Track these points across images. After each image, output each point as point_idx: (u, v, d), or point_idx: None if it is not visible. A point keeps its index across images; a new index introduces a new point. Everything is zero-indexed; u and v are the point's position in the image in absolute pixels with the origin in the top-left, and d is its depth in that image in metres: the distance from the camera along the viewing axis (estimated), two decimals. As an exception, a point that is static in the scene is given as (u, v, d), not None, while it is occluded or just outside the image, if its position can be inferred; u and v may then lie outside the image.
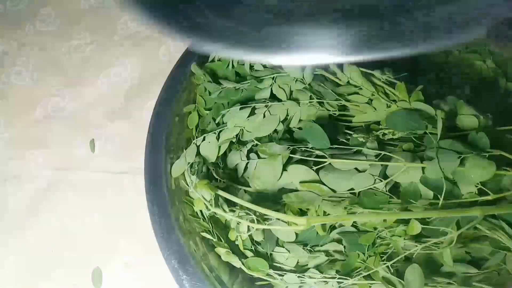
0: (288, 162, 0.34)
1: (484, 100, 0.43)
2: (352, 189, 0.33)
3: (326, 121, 0.37)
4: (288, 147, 0.34)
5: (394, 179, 0.32)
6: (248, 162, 0.36)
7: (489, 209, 0.30)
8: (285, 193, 0.34)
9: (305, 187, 0.33)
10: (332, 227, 0.35)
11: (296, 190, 0.34)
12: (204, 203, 0.35)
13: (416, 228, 0.31)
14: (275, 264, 0.35)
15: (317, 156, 0.33)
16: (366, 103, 0.37)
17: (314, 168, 0.34)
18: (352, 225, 0.34)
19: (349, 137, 0.36)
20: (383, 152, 0.32)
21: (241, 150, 0.37)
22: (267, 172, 0.34)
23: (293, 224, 0.31)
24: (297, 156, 0.34)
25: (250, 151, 0.37)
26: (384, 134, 0.35)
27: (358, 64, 0.38)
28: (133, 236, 0.45)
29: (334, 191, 0.33)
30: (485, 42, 0.44)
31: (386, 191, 0.32)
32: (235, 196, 0.34)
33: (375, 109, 0.37)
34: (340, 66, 0.39)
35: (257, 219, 0.33)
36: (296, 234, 0.35)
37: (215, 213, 0.35)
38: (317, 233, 0.35)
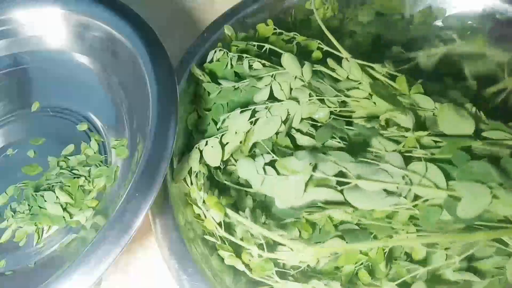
0: (310, 179, 0.33)
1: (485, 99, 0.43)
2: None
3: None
4: (310, 163, 0.33)
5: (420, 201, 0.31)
6: (265, 178, 0.35)
7: (492, 234, 0.30)
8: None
9: (330, 208, 0.32)
10: (335, 226, 0.35)
11: (318, 206, 0.33)
12: (215, 226, 0.35)
13: (420, 253, 0.31)
14: (278, 261, 0.35)
15: (341, 172, 0.33)
16: (366, 98, 0.37)
17: (339, 188, 0.32)
18: (356, 224, 0.34)
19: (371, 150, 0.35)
20: (409, 173, 0.31)
21: (255, 161, 0.36)
22: (288, 191, 0.33)
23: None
24: (319, 175, 0.33)
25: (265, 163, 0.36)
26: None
27: (358, 58, 0.38)
28: (132, 237, 0.45)
29: (356, 209, 0.32)
30: (485, 41, 0.45)
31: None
32: (243, 215, 0.35)
33: (375, 103, 0.37)
34: (339, 61, 0.39)
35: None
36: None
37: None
38: (320, 230, 0.35)
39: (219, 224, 0.35)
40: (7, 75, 0.49)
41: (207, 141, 0.38)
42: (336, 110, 0.37)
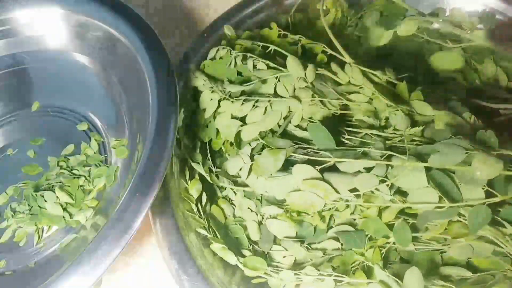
0: (293, 163, 0.34)
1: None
2: (355, 190, 0.32)
3: (330, 121, 0.37)
4: (293, 145, 0.34)
5: (398, 182, 0.31)
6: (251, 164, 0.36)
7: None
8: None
9: (308, 185, 0.33)
10: (329, 227, 0.35)
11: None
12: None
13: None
14: (272, 262, 0.35)
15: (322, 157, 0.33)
16: (366, 102, 0.38)
17: (318, 168, 0.33)
18: (349, 224, 0.34)
19: (354, 136, 0.36)
20: (387, 152, 0.32)
21: (241, 153, 0.37)
22: (268, 161, 0.34)
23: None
24: (301, 156, 0.34)
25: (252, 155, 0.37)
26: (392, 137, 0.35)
27: (362, 63, 0.39)
28: (132, 236, 0.45)
29: (337, 192, 0.32)
30: (486, 42, 0.45)
31: (390, 192, 0.32)
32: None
33: (376, 108, 0.37)
34: (342, 65, 0.39)
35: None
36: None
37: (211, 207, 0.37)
38: (315, 230, 0.35)
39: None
40: (7, 75, 0.49)
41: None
42: (337, 113, 0.38)
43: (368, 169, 0.32)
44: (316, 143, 0.34)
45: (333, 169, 0.33)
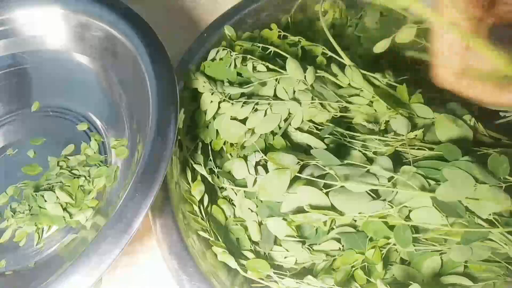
0: (298, 178, 0.34)
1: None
2: (361, 212, 0.32)
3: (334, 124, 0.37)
4: (298, 162, 0.33)
5: (405, 205, 0.31)
6: (256, 177, 0.36)
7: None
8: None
9: (313, 211, 0.32)
10: (331, 228, 0.35)
11: (305, 211, 0.33)
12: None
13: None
14: (274, 263, 0.35)
15: (328, 174, 0.33)
16: (367, 105, 0.38)
17: (324, 190, 0.33)
18: (350, 225, 0.34)
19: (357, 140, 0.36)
20: (396, 176, 0.31)
21: (248, 161, 0.36)
22: (274, 183, 0.33)
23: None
24: (307, 177, 0.33)
25: (257, 163, 0.36)
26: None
27: (360, 67, 0.38)
28: (132, 236, 0.45)
29: (342, 214, 0.32)
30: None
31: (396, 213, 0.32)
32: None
33: (376, 110, 0.37)
34: (342, 67, 0.39)
35: None
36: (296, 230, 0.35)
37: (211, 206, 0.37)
38: (316, 231, 0.35)
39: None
40: (7, 75, 0.49)
41: None
42: (336, 115, 0.38)
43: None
44: (321, 161, 0.34)
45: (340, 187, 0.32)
